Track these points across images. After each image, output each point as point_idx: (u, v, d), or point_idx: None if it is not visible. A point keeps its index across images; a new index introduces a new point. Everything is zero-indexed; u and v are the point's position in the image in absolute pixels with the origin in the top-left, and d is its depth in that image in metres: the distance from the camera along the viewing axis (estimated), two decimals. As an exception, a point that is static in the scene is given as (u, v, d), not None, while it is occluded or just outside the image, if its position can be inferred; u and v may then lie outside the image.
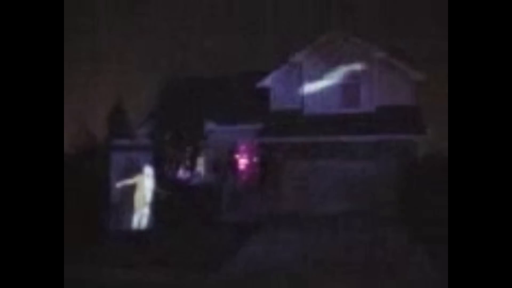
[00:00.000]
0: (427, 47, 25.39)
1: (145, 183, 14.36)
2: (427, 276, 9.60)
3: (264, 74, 21.85)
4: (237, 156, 22.63)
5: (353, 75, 20.43)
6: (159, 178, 14.98)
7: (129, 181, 14.11)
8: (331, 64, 20.64)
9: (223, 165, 21.52)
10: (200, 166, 21.59)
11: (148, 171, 14.44)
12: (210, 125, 22.04)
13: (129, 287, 9.32)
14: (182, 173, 18.51)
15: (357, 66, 20.36)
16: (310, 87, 20.86)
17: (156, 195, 14.55)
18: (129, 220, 14.26)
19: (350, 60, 20.46)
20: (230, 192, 19.08)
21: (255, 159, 22.26)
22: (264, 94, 21.98)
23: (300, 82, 21.05)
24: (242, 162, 22.68)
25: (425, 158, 18.57)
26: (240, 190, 20.34)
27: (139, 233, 14.06)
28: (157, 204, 14.58)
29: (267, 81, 21.72)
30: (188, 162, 18.96)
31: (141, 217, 14.28)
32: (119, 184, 14.10)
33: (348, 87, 20.47)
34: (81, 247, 12.16)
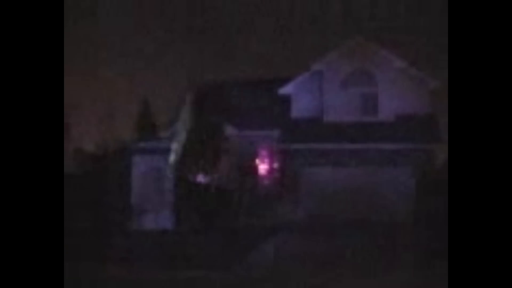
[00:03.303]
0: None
1: (166, 185, 14.81)
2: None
3: (286, 81, 22.18)
4: (257, 161, 22.93)
5: (373, 84, 20.64)
6: (179, 181, 15.39)
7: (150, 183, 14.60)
8: (351, 73, 20.86)
9: (243, 170, 21.85)
10: (221, 170, 21.96)
11: (169, 173, 14.90)
12: (231, 130, 22.40)
13: (149, 284, 9.70)
14: (202, 177, 18.92)
15: (377, 75, 20.56)
16: (330, 95, 21.10)
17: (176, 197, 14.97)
18: (150, 221, 14.72)
19: (370, 69, 20.66)
20: (249, 196, 19.39)
21: (275, 165, 22.54)
22: (285, 101, 22.28)
23: (321, 89, 21.30)
24: (262, 167, 22.97)
25: (443, 166, 18.69)
26: (260, 195, 20.64)
27: (159, 233, 14.48)
28: (176, 207, 14.99)
29: (289, 88, 22.05)
30: (208, 166, 19.35)
31: (161, 218, 14.73)
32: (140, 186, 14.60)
33: (368, 96, 20.69)
34: (102, 245, 12.61)
